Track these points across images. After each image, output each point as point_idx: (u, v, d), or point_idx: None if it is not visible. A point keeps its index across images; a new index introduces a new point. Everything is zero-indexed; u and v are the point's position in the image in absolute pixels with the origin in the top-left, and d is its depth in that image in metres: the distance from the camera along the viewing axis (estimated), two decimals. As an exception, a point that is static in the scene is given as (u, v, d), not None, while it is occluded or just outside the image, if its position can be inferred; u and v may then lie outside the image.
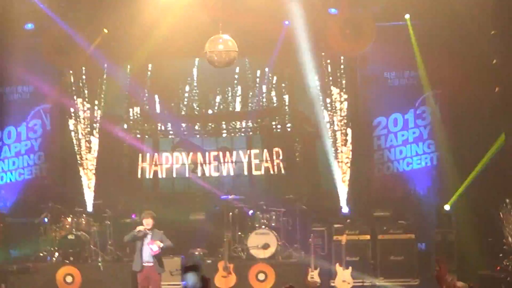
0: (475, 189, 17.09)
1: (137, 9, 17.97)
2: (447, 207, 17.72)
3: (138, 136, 20.45)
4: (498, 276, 14.25)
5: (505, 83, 15.29)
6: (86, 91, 19.96)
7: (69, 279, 17.04)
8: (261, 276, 17.06)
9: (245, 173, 20.32)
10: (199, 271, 8.69)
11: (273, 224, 18.08)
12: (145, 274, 15.11)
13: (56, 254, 17.92)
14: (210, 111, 20.36)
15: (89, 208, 19.36)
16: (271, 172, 20.20)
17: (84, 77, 20.06)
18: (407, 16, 17.56)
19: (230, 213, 18.30)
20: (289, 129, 20.06)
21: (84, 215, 18.65)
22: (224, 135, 20.42)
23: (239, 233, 18.32)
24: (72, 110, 19.91)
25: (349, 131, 19.40)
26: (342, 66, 19.30)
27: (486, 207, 16.57)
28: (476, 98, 16.68)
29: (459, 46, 17.18)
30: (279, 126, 20.19)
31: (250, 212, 18.39)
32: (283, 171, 20.09)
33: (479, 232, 16.73)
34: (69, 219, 18.23)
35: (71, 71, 19.83)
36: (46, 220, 18.44)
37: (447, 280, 7.22)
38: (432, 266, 14.62)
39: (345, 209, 18.98)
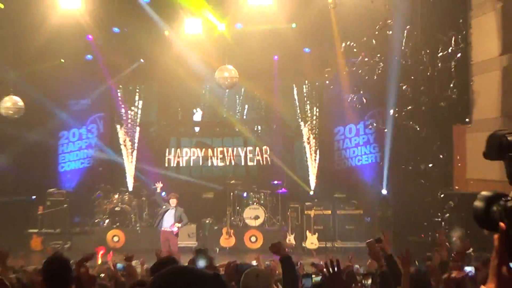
0: (405, 179, 17.29)
1: (166, 45, 18.35)
2: (384, 191, 18.11)
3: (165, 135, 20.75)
4: (422, 240, 14.44)
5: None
6: (128, 103, 20.19)
7: (115, 239, 17.68)
8: (253, 239, 17.65)
9: (242, 164, 20.59)
10: (207, 253, 9.16)
11: (262, 202, 18.63)
12: (166, 236, 15.54)
13: (107, 221, 18.45)
14: (218, 120, 20.71)
15: (130, 188, 19.72)
16: (261, 163, 20.53)
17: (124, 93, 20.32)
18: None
19: (231, 193, 18.64)
20: (274, 133, 20.31)
21: (127, 193, 19.19)
22: (227, 136, 20.72)
23: (238, 208, 18.72)
24: (118, 117, 20.23)
25: (317, 136, 19.88)
26: (315, 89, 19.71)
27: (414, 192, 16.81)
28: (406, 116, 16.75)
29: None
30: (267, 131, 20.52)
31: (244, 194, 18.83)
32: (269, 163, 20.37)
33: (408, 209, 16.89)
34: (116, 196, 18.81)
35: (118, 90, 20.13)
36: (99, 196, 18.98)
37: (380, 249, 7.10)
38: (374, 233, 14.84)
39: (313, 192, 19.50)
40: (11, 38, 17.37)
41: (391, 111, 17.12)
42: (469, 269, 7.22)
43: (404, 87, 16.38)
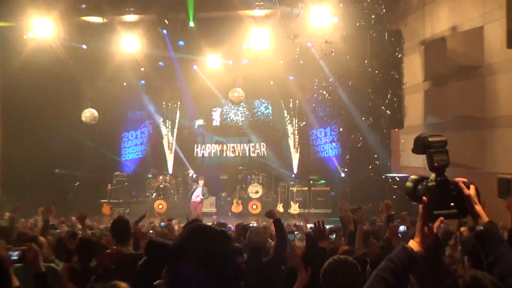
0: (358, 166, 17.20)
1: (195, 74, 18.53)
2: (342, 174, 18.09)
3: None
4: (370, 208, 14.25)
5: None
6: (169, 114, 20.24)
7: (160, 206, 17.69)
8: (254, 207, 17.69)
9: (247, 155, 20.45)
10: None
11: (260, 181, 18.61)
12: (194, 205, 15.65)
13: (154, 194, 18.47)
14: (230, 125, 20.61)
15: (170, 172, 19.69)
16: (260, 155, 20.38)
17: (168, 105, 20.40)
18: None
19: (239, 176, 18.81)
20: (269, 134, 20.26)
21: (168, 175, 19.18)
22: (236, 136, 20.58)
23: (243, 185, 18.72)
24: (162, 123, 20.27)
25: (298, 136, 19.87)
26: (297, 104, 19.68)
27: (363, 175, 16.85)
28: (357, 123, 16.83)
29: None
30: (263, 133, 20.35)
31: (248, 177, 18.78)
32: (266, 154, 20.29)
33: (360, 187, 16.81)
34: (161, 177, 18.82)
35: (163, 103, 20.10)
36: (149, 177, 19.02)
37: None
38: (337, 203, 14.79)
39: (295, 175, 19.38)
40: (90, 67, 17.48)
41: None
42: (402, 228, 7.27)
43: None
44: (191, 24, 16.16)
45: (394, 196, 13.29)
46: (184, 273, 1.73)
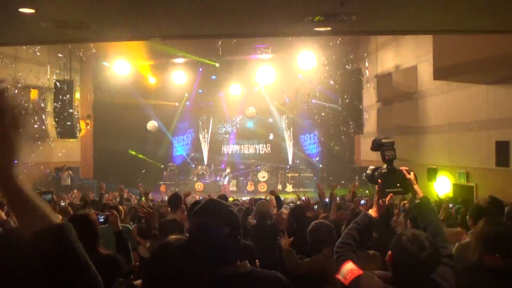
0: (331, 160, 17.01)
1: (221, 98, 18.41)
2: (320, 165, 17.89)
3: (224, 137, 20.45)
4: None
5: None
6: (205, 124, 19.87)
7: (199, 187, 17.24)
8: (262, 187, 17.28)
9: (258, 153, 19.93)
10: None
11: (266, 170, 18.29)
12: (224, 187, 15.60)
13: (195, 178, 18.07)
14: (246, 131, 20.18)
15: (205, 163, 19.32)
16: (266, 152, 19.87)
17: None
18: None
19: (252, 166, 18.47)
20: (271, 137, 19.63)
21: (204, 165, 18.85)
22: (250, 139, 19.98)
23: (255, 172, 18.29)
24: (200, 130, 20.08)
25: (292, 139, 19.34)
26: (290, 118, 19.23)
27: (336, 165, 16.75)
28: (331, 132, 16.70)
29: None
30: (268, 137, 19.85)
31: (258, 167, 18.46)
32: (270, 152, 19.80)
33: (334, 173, 16.74)
34: (199, 167, 18.49)
35: (201, 117, 19.88)
36: (193, 166, 18.81)
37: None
38: (317, 184, 14.78)
39: (289, 166, 18.91)
40: (152, 93, 17.63)
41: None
42: (363, 201, 7.26)
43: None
44: (217, 64, 16.31)
45: (356, 178, 13.21)
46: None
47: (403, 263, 1.76)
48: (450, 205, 6.32)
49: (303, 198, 5.56)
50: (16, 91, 12.92)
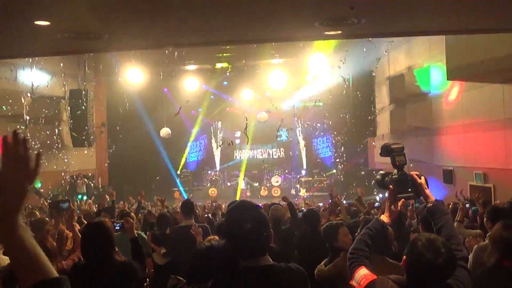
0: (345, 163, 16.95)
1: (233, 102, 18.41)
2: (334, 170, 17.73)
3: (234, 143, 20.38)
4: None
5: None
6: (217, 130, 20.00)
7: (213, 192, 17.16)
8: (276, 192, 17.21)
9: (271, 157, 19.81)
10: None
11: (279, 174, 18.25)
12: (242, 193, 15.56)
13: (208, 184, 18.12)
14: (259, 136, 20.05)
15: (218, 169, 19.39)
16: (279, 156, 19.84)
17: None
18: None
19: (265, 171, 18.44)
20: (284, 142, 19.56)
21: (217, 171, 18.89)
22: (264, 144, 19.87)
23: (268, 177, 18.26)
24: (213, 136, 20.14)
25: (306, 143, 19.25)
26: (302, 122, 19.25)
27: (349, 169, 16.59)
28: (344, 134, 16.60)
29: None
30: (282, 142, 19.80)
31: (270, 173, 18.38)
32: (283, 156, 19.75)
33: (348, 177, 16.56)
34: (212, 173, 18.56)
35: (214, 123, 19.97)
36: (209, 172, 18.75)
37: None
38: (333, 189, 14.64)
39: (304, 170, 18.87)
40: (165, 99, 17.77)
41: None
42: (377, 204, 7.18)
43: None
44: (228, 72, 16.39)
45: (367, 183, 13.10)
46: None
47: (419, 269, 1.76)
48: (467, 205, 6.20)
49: (329, 201, 5.58)
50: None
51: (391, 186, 2.12)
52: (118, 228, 3.82)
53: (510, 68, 7.54)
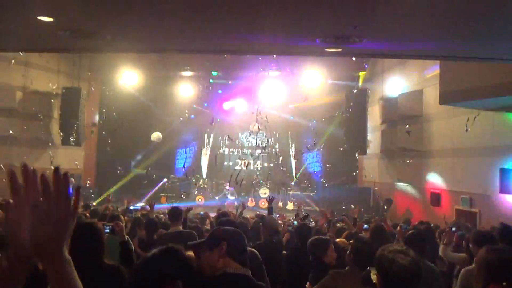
0: (334, 178, 17.05)
1: (227, 111, 18.39)
2: (326, 184, 17.64)
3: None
4: (344, 209, 13.91)
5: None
6: (208, 138, 19.96)
7: (199, 200, 17.11)
8: (263, 203, 16.76)
9: (260, 168, 19.58)
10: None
11: (267, 186, 18.16)
12: (228, 203, 15.60)
13: (196, 191, 17.89)
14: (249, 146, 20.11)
15: (205, 176, 19.23)
16: (268, 168, 19.42)
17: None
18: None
19: (253, 182, 18.30)
20: (278, 152, 19.33)
21: (205, 179, 18.80)
22: (252, 154, 19.77)
23: (257, 188, 18.14)
24: (205, 144, 20.03)
25: (297, 158, 19.19)
26: (294, 135, 19.33)
27: (336, 184, 16.62)
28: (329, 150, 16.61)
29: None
30: (275, 152, 19.69)
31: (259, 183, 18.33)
32: (272, 168, 19.37)
33: (335, 194, 16.53)
34: (200, 180, 18.42)
35: (206, 130, 19.88)
36: (192, 180, 18.62)
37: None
38: (319, 204, 14.54)
39: (294, 183, 18.81)
40: (158, 104, 17.69)
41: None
42: (366, 226, 7.18)
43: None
44: (223, 79, 16.41)
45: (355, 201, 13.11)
46: None
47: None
48: (453, 229, 6.27)
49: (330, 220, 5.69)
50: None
51: None
52: (107, 230, 3.78)
53: (502, 96, 7.69)
